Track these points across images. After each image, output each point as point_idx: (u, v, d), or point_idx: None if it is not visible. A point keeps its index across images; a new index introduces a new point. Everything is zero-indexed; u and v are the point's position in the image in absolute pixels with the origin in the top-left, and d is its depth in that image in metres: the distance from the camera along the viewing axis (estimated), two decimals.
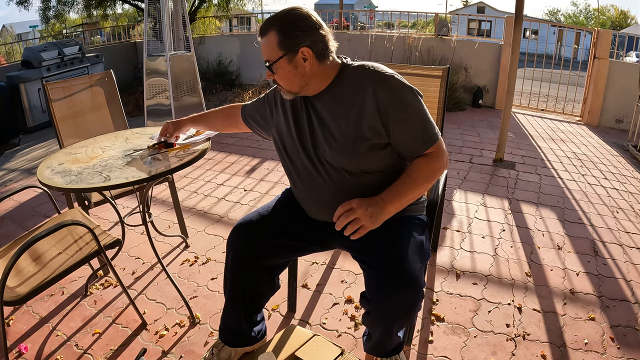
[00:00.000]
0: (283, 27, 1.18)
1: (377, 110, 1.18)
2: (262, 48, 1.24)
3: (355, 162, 1.23)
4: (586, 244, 2.40)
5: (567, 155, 3.96)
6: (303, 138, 1.30)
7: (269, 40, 1.20)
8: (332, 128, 1.24)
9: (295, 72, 1.21)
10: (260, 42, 1.23)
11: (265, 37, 1.20)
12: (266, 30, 1.20)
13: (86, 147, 1.88)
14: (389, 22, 9.24)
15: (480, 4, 30.33)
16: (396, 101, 1.19)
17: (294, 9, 1.21)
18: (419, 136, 1.21)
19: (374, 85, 1.19)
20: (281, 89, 1.28)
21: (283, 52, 1.19)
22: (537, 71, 5.93)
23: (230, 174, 3.49)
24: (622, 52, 6.21)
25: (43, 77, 5.41)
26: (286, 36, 1.18)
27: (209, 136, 1.90)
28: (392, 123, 1.19)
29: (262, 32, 1.22)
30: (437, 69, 1.94)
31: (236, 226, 1.39)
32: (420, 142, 1.21)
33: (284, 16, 1.19)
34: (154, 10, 4.30)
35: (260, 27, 1.23)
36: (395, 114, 1.18)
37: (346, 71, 1.26)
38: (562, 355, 1.62)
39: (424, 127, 1.21)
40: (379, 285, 1.17)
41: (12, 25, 26.67)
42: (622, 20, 28.53)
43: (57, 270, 1.52)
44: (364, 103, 1.19)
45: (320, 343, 1.42)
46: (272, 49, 1.20)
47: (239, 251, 1.37)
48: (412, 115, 1.20)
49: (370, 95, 1.19)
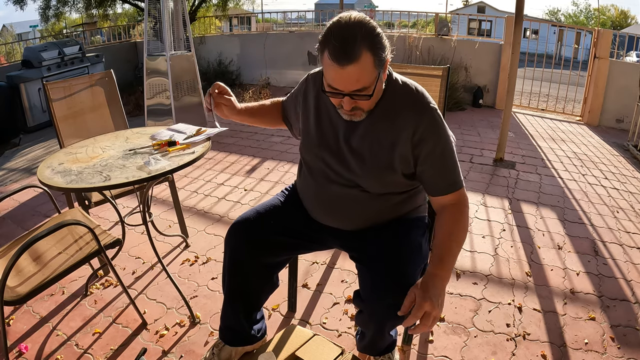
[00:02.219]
0: (372, 42, 1.02)
1: (412, 140, 1.14)
2: (349, 76, 1.02)
3: (378, 185, 1.22)
4: (586, 244, 2.40)
5: (567, 155, 3.96)
6: (326, 144, 1.25)
7: (364, 64, 1.01)
8: (363, 147, 1.19)
9: (381, 87, 1.13)
10: (345, 70, 1.01)
11: (357, 61, 1.00)
12: (357, 54, 1.00)
13: (86, 146, 1.88)
14: (389, 22, 9.24)
15: (480, 3, 30.31)
16: (434, 137, 1.14)
17: (358, 17, 1.04)
18: (446, 178, 1.17)
19: (417, 115, 1.13)
20: (354, 113, 1.13)
21: (378, 70, 1.06)
22: (538, 71, 5.93)
23: (231, 173, 3.49)
24: (622, 52, 6.20)
25: (43, 76, 5.42)
26: (378, 51, 1.03)
27: (209, 136, 1.90)
28: (424, 157, 1.15)
29: (348, 58, 1.00)
30: (438, 68, 1.94)
31: (233, 224, 1.38)
32: (445, 184, 1.17)
33: (364, 30, 1.01)
34: (154, 10, 4.30)
35: (338, 50, 1.00)
36: (429, 149, 1.14)
37: (392, 87, 1.17)
38: (563, 355, 1.62)
39: (452, 171, 1.17)
40: (372, 285, 1.17)
41: (12, 25, 26.68)
42: (623, 20, 28.52)
43: (57, 270, 1.52)
44: (403, 130, 1.14)
45: (320, 343, 1.41)
46: (369, 71, 1.04)
47: (236, 249, 1.36)
48: (445, 155, 1.16)
49: (411, 125, 1.13)
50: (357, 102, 1.09)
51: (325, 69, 1.06)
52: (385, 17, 10.60)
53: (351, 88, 1.04)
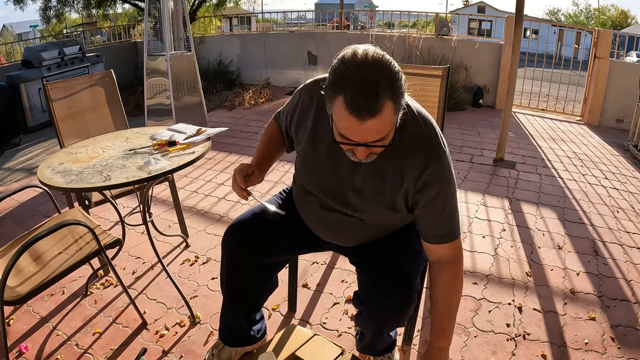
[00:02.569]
0: (394, 89, 0.90)
1: (415, 184, 1.08)
2: (368, 130, 0.91)
3: (378, 219, 1.20)
4: (586, 244, 2.40)
5: (567, 155, 3.96)
6: (324, 178, 1.20)
7: (385, 115, 0.90)
8: (366, 186, 1.14)
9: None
10: (365, 125, 0.89)
11: (380, 114, 0.89)
12: (380, 106, 0.88)
13: (86, 146, 1.88)
14: (389, 22, 9.24)
15: (480, 3, 30.32)
16: (438, 184, 1.07)
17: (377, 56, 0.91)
18: (443, 227, 1.12)
19: (425, 159, 1.05)
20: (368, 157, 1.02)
21: (396, 117, 0.95)
22: (538, 71, 5.93)
23: (231, 173, 3.49)
24: (622, 52, 6.20)
25: (43, 76, 5.42)
26: (399, 98, 0.92)
27: (209, 136, 1.90)
28: (424, 203, 1.10)
29: (373, 111, 0.88)
30: (438, 68, 1.94)
31: (230, 227, 1.37)
32: (441, 233, 1.12)
33: (386, 74, 0.89)
34: (155, 10, 4.30)
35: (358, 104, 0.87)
36: (431, 196, 1.08)
37: (401, 122, 1.02)
38: (563, 355, 1.62)
39: (451, 221, 1.12)
40: (371, 288, 1.17)
41: (12, 25, 26.66)
42: (623, 20, 28.51)
43: (57, 270, 1.52)
44: (408, 172, 1.08)
45: (320, 343, 1.41)
46: (390, 121, 0.93)
47: (233, 252, 1.36)
48: (446, 204, 1.10)
49: (418, 168, 1.06)
50: (372, 149, 0.99)
51: (338, 118, 0.93)
52: (385, 17, 10.61)
53: (369, 140, 0.94)
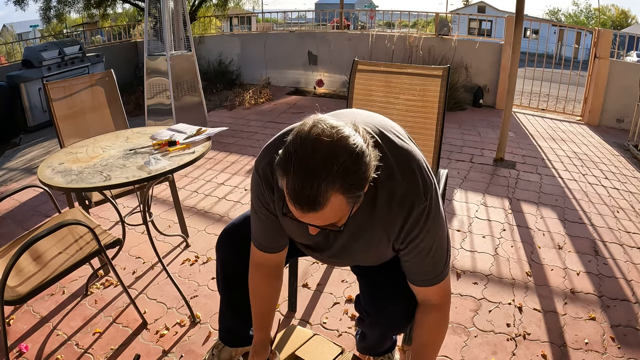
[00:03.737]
0: (345, 183, 0.80)
1: (399, 238, 1.01)
2: (312, 219, 0.84)
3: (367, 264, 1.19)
4: (587, 244, 2.40)
5: (567, 155, 3.96)
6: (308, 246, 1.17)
7: (331, 209, 0.82)
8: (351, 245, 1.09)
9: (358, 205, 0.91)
10: (307, 215, 0.83)
11: (324, 208, 0.81)
12: (323, 201, 0.79)
13: (87, 146, 1.88)
14: (389, 22, 9.24)
15: (480, 3, 30.30)
16: (422, 234, 0.99)
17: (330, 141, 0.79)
18: (429, 272, 1.05)
19: (404, 214, 0.97)
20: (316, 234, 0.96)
21: (352, 205, 0.86)
22: (538, 71, 5.92)
23: (231, 173, 3.49)
24: (622, 52, 6.20)
25: (43, 76, 5.41)
26: (354, 190, 0.82)
27: (209, 135, 1.90)
28: (409, 251, 1.03)
29: (314, 206, 0.80)
30: (438, 68, 1.94)
31: (223, 231, 1.35)
32: (426, 277, 1.06)
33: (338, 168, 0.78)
34: (155, 10, 4.30)
35: (298, 196, 0.80)
36: (415, 244, 1.01)
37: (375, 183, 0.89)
38: (563, 355, 1.62)
39: (436, 266, 1.05)
40: (373, 298, 1.16)
41: (13, 24, 26.67)
42: (623, 19, 28.49)
43: (57, 270, 1.52)
44: (390, 227, 1.01)
45: (320, 342, 1.42)
46: (340, 211, 0.85)
47: (226, 257, 1.34)
48: (431, 251, 1.02)
49: (399, 226, 0.99)
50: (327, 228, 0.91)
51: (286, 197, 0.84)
52: (385, 16, 10.60)
53: (317, 224, 0.87)
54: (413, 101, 1.97)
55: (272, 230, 1.14)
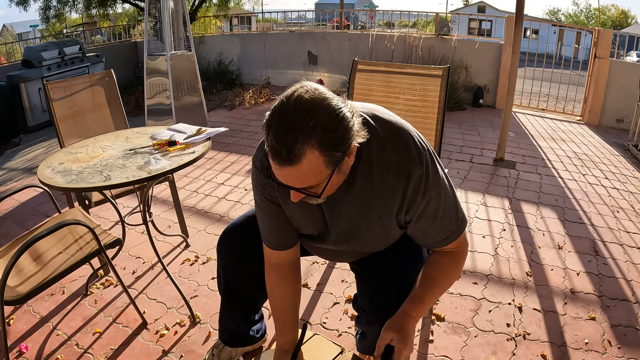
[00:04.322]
0: (322, 140, 0.80)
1: (402, 207, 1.00)
2: (289, 176, 0.84)
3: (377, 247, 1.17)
4: (587, 244, 2.40)
5: (567, 155, 3.96)
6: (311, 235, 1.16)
7: (308, 166, 0.81)
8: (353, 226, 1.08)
9: (342, 176, 0.92)
10: (284, 170, 0.83)
11: (299, 163, 0.81)
12: (297, 155, 0.80)
13: (86, 146, 1.88)
14: (389, 22, 9.24)
15: (480, 3, 30.30)
16: (423, 198, 0.98)
17: (311, 99, 0.81)
18: (443, 232, 1.04)
19: (403, 182, 0.96)
20: (309, 199, 0.95)
21: (332, 168, 0.85)
22: (538, 71, 5.93)
23: (231, 173, 3.49)
24: (622, 52, 6.20)
25: (43, 76, 5.42)
26: (331, 150, 0.82)
27: (210, 135, 1.90)
28: (416, 218, 1.02)
29: (287, 160, 0.80)
30: (438, 68, 1.94)
31: (225, 231, 1.35)
32: (442, 237, 1.04)
33: (315, 122, 0.79)
34: (155, 10, 4.30)
35: (274, 149, 0.81)
36: (420, 210, 1.00)
37: (363, 151, 0.94)
38: (563, 354, 1.62)
39: (449, 222, 1.03)
40: (371, 297, 1.16)
41: (13, 24, 26.67)
42: (623, 19, 28.50)
43: (57, 270, 1.52)
44: (391, 200, 1.00)
45: (320, 342, 1.41)
46: (317, 172, 0.84)
47: (228, 257, 1.35)
48: (439, 211, 1.01)
49: (399, 193, 0.97)
50: (306, 196, 0.92)
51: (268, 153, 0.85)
52: (385, 16, 10.60)
53: (296, 186, 0.87)
54: (413, 101, 1.97)
55: (278, 224, 1.13)
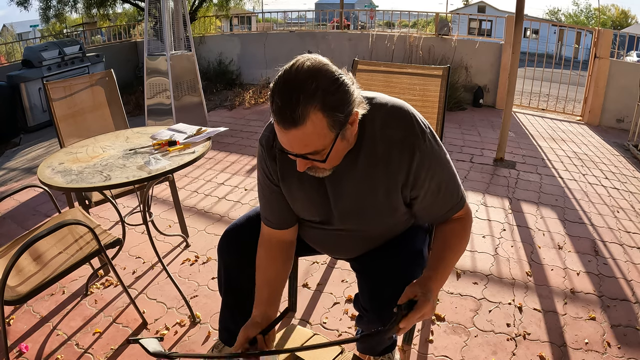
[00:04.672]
0: (324, 101, 0.84)
1: (407, 182, 1.03)
2: (294, 140, 0.87)
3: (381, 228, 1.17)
4: (587, 244, 2.40)
5: (567, 155, 3.96)
6: (315, 215, 1.16)
7: (312, 128, 0.84)
8: (357, 205, 1.09)
9: (346, 144, 0.95)
10: (289, 134, 0.86)
11: (303, 125, 0.83)
12: (301, 117, 0.83)
13: (87, 146, 1.88)
14: (389, 22, 9.24)
15: (480, 3, 30.31)
16: (430, 171, 1.01)
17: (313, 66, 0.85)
18: (447, 204, 1.08)
19: (407, 155, 0.99)
20: (315, 171, 0.98)
21: (336, 131, 0.88)
22: (538, 71, 5.92)
23: (231, 173, 3.49)
24: (622, 52, 6.20)
25: (43, 76, 5.42)
26: (333, 112, 0.85)
27: (210, 135, 1.90)
28: (423, 195, 1.05)
29: (291, 122, 0.83)
30: (438, 68, 1.94)
31: (226, 232, 1.35)
32: (446, 210, 1.09)
33: (315, 86, 0.83)
34: (155, 10, 4.30)
35: (279, 110, 0.84)
36: (426, 186, 1.03)
37: (367, 128, 0.99)
38: (563, 354, 1.62)
39: (452, 195, 1.07)
40: (372, 296, 1.16)
41: (13, 24, 26.67)
42: (623, 19, 28.49)
43: (57, 270, 1.52)
44: (396, 175, 1.02)
45: (320, 342, 1.41)
46: (321, 135, 0.86)
47: (229, 258, 1.34)
48: (441, 185, 1.04)
49: (404, 168, 1.00)
50: (313, 163, 0.94)
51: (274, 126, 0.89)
52: (385, 16, 10.60)
53: (300, 151, 0.90)
54: (413, 101, 1.96)
55: (277, 205, 1.16)
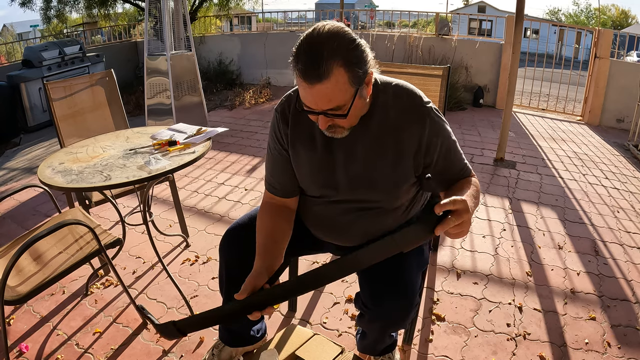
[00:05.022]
0: (346, 57, 0.93)
1: (419, 151, 1.09)
2: (319, 96, 0.95)
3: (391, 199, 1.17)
4: (587, 244, 2.40)
5: (567, 155, 3.96)
6: (325, 183, 1.18)
7: (335, 83, 0.93)
8: (368, 172, 1.12)
9: (363, 103, 1.03)
10: (314, 89, 0.94)
11: (328, 79, 0.92)
12: (327, 72, 0.91)
13: (87, 146, 1.88)
14: (389, 22, 9.24)
15: (481, 3, 30.29)
16: (439, 139, 1.09)
17: (332, 28, 0.95)
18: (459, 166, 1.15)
19: (417, 124, 1.07)
20: (334, 131, 1.04)
21: (355, 87, 0.97)
22: (538, 71, 5.92)
23: (231, 173, 3.49)
24: (622, 52, 6.20)
25: (44, 76, 5.42)
26: (354, 67, 0.94)
27: (210, 135, 1.90)
28: (435, 161, 1.11)
29: (317, 76, 0.92)
30: (438, 68, 1.94)
31: (227, 231, 1.35)
32: (459, 170, 1.15)
33: (336, 43, 0.93)
34: (155, 10, 4.30)
35: (306, 66, 0.93)
36: (437, 152, 1.10)
37: (382, 100, 1.09)
38: (563, 354, 1.62)
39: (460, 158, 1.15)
40: (373, 293, 1.16)
41: (13, 24, 26.67)
42: (623, 19, 28.48)
43: (57, 270, 1.52)
44: (406, 143, 1.09)
45: (320, 342, 1.41)
46: (343, 90, 0.95)
47: (230, 257, 1.34)
48: (451, 150, 1.13)
49: (415, 136, 1.08)
50: (334, 121, 1.01)
51: (298, 86, 0.99)
52: (385, 16, 10.60)
53: (323, 107, 0.97)
54: None
55: (284, 172, 1.22)
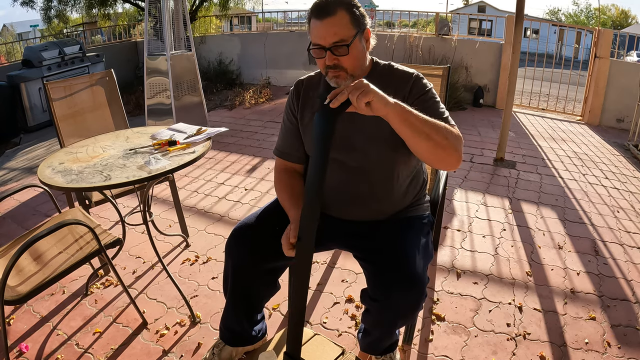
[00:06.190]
0: (350, 6, 1.17)
1: (410, 96, 1.24)
2: (327, 28, 1.16)
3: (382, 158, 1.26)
4: (587, 244, 2.40)
5: (567, 155, 3.96)
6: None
7: (339, 19, 1.15)
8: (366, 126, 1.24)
9: (364, 51, 1.23)
10: (323, 23, 1.16)
11: (333, 16, 1.15)
12: (334, 9, 1.15)
13: (87, 146, 1.88)
14: (389, 22, 9.22)
15: (481, 3, 30.26)
16: (426, 94, 1.24)
17: None
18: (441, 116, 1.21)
19: (405, 83, 1.25)
20: (339, 74, 1.20)
21: (356, 29, 1.18)
22: (538, 70, 5.92)
23: (231, 173, 3.49)
24: (622, 52, 6.20)
25: (44, 76, 5.41)
26: (355, 15, 1.17)
27: (210, 135, 1.90)
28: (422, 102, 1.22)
29: (326, 12, 1.15)
30: (438, 68, 1.94)
31: (234, 230, 1.36)
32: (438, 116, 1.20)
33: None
34: (155, 10, 4.30)
35: (318, 7, 1.16)
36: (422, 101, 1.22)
37: (378, 69, 1.30)
38: (563, 354, 1.62)
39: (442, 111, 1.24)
40: (381, 285, 1.16)
41: (13, 24, 26.65)
42: (623, 19, 28.47)
43: (57, 270, 1.52)
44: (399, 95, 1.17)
45: (321, 342, 1.42)
46: (346, 27, 1.16)
47: (238, 256, 1.35)
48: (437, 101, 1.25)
49: (407, 88, 1.25)
50: (339, 60, 1.17)
51: (310, 29, 1.19)
52: (385, 16, 10.59)
53: (330, 40, 1.15)
54: None
55: (295, 136, 1.38)
